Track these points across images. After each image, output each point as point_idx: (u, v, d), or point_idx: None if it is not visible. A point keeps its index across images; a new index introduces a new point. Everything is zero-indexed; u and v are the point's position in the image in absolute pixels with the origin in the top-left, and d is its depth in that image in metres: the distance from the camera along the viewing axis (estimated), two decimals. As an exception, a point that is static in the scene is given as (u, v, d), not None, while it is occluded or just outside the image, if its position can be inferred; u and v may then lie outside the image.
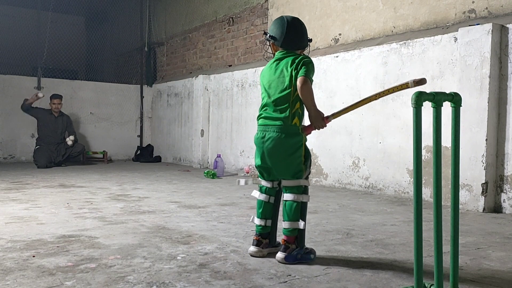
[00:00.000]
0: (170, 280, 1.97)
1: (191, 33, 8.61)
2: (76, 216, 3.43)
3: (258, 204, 2.45)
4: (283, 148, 2.33)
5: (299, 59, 2.36)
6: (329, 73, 5.45)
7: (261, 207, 2.43)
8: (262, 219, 2.42)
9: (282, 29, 2.42)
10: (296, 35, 2.43)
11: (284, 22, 2.42)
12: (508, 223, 3.36)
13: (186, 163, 8.42)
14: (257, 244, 2.38)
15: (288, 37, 2.41)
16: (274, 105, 2.36)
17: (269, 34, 2.46)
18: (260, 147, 2.39)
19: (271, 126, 2.35)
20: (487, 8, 4.08)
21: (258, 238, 2.39)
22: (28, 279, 1.97)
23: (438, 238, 1.62)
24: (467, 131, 3.82)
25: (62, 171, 6.83)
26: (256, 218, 2.45)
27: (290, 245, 2.29)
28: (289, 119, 2.33)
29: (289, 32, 2.41)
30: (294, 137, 2.33)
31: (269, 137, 2.35)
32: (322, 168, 5.53)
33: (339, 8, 5.51)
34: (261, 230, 2.41)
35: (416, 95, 1.60)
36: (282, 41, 2.42)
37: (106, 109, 9.37)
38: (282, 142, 2.32)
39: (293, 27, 2.42)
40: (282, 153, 2.33)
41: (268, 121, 2.37)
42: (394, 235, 2.92)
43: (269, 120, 2.37)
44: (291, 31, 2.41)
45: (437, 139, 1.62)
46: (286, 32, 2.40)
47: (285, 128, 2.32)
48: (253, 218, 2.48)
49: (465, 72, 3.95)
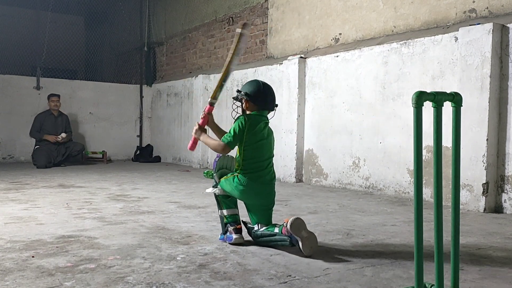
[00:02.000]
0: (170, 281, 1.97)
1: (191, 33, 8.60)
2: (75, 216, 3.42)
3: (225, 197, 2.71)
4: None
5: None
6: (329, 72, 5.44)
7: (231, 199, 2.72)
8: (234, 208, 2.72)
9: (269, 92, 2.72)
10: (274, 99, 2.75)
11: (269, 87, 2.74)
12: (509, 223, 3.35)
13: (186, 163, 8.41)
14: (240, 231, 2.64)
15: (273, 101, 2.74)
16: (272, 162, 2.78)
17: (246, 92, 2.70)
18: (268, 194, 2.70)
19: (274, 179, 2.79)
20: (487, 8, 4.08)
21: (240, 227, 2.67)
22: (27, 279, 1.96)
23: (438, 238, 1.61)
24: (467, 131, 3.81)
25: (61, 171, 6.82)
26: (229, 209, 2.70)
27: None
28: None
29: (273, 97, 2.74)
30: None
31: (273, 184, 2.75)
32: (322, 168, 5.52)
33: (340, 8, 5.50)
34: (237, 217, 2.70)
35: (417, 95, 1.59)
36: (270, 105, 2.72)
37: (106, 109, 9.36)
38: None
39: (272, 92, 2.76)
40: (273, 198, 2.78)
41: (274, 175, 2.80)
42: (394, 235, 2.92)
43: (274, 174, 2.80)
44: (273, 96, 2.75)
45: (437, 139, 1.61)
46: (273, 97, 2.73)
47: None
48: (223, 212, 2.71)
49: (466, 72, 3.94)
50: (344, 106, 5.25)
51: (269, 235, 2.54)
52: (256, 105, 2.69)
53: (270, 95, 2.72)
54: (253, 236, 2.64)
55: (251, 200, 2.67)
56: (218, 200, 2.74)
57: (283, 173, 5.85)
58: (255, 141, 2.63)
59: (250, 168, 2.63)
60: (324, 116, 5.51)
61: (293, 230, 2.38)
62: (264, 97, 2.70)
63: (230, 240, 2.62)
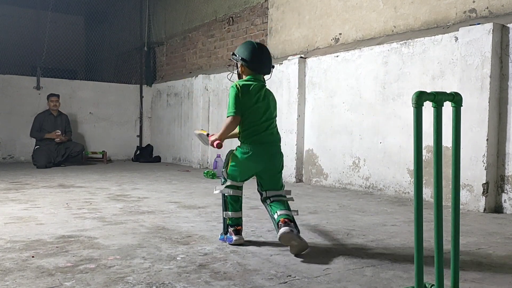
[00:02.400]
0: (170, 281, 1.96)
1: (191, 33, 8.60)
2: (75, 216, 3.42)
3: (235, 199, 2.69)
4: (280, 163, 2.79)
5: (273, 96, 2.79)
6: (329, 73, 5.44)
7: (238, 202, 2.70)
8: (240, 211, 2.71)
9: (265, 55, 2.69)
10: (270, 62, 2.73)
11: (266, 49, 2.70)
12: (509, 223, 3.35)
13: (186, 163, 8.41)
14: (240, 232, 2.65)
15: (269, 64, 2.72)
16: (273, 124, 2.77)
17: (241, 56, 2.67)
18: (264, 159, 2.67)
19: (277, 142, 2.80)
20: (487, 8, 4.08)
21: (240, 228, 2.66)
22: (27, 279, 1.96)
23: (438, 238, 1.61)
24: (467, 131, 3.81)
25: (61, 171, 6.82)
26: (234, 212, 2.68)
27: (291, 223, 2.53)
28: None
29: (269, 59, 2.71)
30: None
31: (274, 151, 2.74)
32: (322, 168, 5.52)
33: (340, 8, 5.50)
34: (240, 220, 2.69)
35: (417, 95, 1.59)
36: (266, 68, 2.70)
37: (106, 109, 9.36)
38: (281, 158, 2.80)
39: (269, 55, 2.72)
40: (279, 166, 2.78)
41: (274, 138, 2.78)
42: (394, 236, 2.92)
43: (273, 136, 2.77)
44: (269, 58, 2.72)
45: (437, 139, 1.61)
46: (269, 60, 2.71)
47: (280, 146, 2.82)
48: (227, 213, 2.68)
49: (466, 72, 3.94)
50: (344, 106, 5.25)
51: (270, 213, 2.64)
52: (251, 70, 2.65)
53: (265, 58, 2.67)
54: (262, 200, 2.72)
55: (258, 165, 2.65)
56: (226, 201, 2.70)
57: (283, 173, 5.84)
58: (249, 105, 2.62)
59: (249, 134, 2.64)
60: (324, 116, 5.51)
61: (282, 242, 2.42)
62: (259, 60, 2.65)
63: (230, 241, 2.62)
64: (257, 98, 2.63)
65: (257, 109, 2.64)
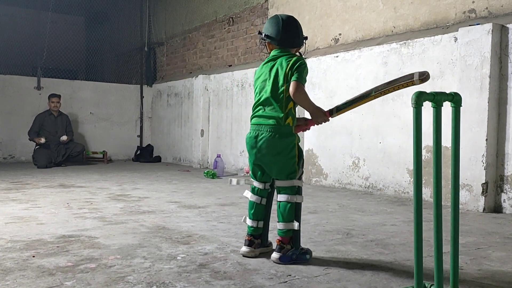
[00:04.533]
0: (170, 280, 1.97)
1: (191, 33, 8.61)
2: (76, 216, 3.43)
3: (250, 205, 2.44)
4: (277, 148, 2.31)
5: (293, 60, 2.33)
6: (329, 73, 5.45)
7: (253, 209, 2.42)
8: (254, 221, 2.41)
9: (277, 27, 2.39)
10: (291, 33, 2.40)
11: (279, 21, 2.39)
12: (508, 223, 3.36)
13: (186, 163, 8.42)
14: (249, 244, 2.37)
15: (284, 35, 2.38)
16: (268, 104, 2.34)
17: (264, 33, 2.43)
18: (253, 147, 2.37)
19: (265, 125, 2.32)
20: (487, 8, 4.08)
21: (250, 238, 2.38)
22: (28, 279, 1.97)
23: (438, 238, 1.62)
24: (467, 131, 3.82)
25: (62, 171, 6.82)
26: (248, 219, 2.44)
27: (285, 245, 2.28)
28: (282, 119, 2.30)
29: (285, 30, 2.38)
30: (287, 137, 2.32)
31: (262, 136, 2.33)
32: (322, 168, 5.53)
33: (339, 8, 5.51)
34: (253, 231, 2.40)
35: (416, 95, 1.59)
36: (278, 40, 2.39)
37: (106, 109, 9.37)
38: (276, 142, 2.30)
39: (288, 25, 2.39)
40: (275, 153, 2.31)
41: (262, 120, 2.35)
42: (394, 235, 2.92)
43: (262, 119, 2.35)
44: (287, 29, 2.39)
45: (437, 139, 1.62)
46: (281, 31, 2.37)
47: (278, 128, 2.30)
48: (245, 219, 2.47)
49: (465, 72, 3.95)
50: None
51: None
52: (277, 45, 2.40)
53: (292, 32, 2.40)
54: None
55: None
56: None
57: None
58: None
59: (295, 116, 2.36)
60: (324, 116, 5.51)
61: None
62: (287, 36, 2.39)
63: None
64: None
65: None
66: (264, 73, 2.40)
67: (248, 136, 2.40)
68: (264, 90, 2.37)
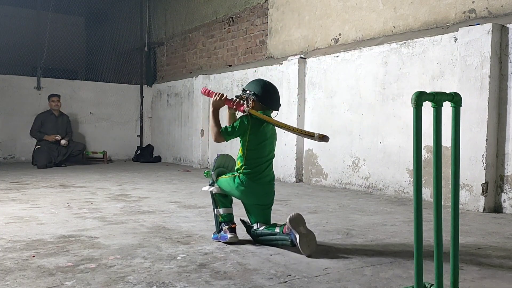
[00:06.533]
0: (170, 280, 1.97)
1: (191, 33, 8.61)
2: (76, 216, 3.43)
3: (223, 195, 2.72)
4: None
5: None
6: (329, 73, 5.45)
7: (227, 197, 2.73)
8: (231, 207, 2.73)
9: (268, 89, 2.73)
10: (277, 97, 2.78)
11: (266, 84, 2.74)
12: (508, 223, 3.36)
13: (186, 163, 8.42)
14: (235, 230, 2.65)
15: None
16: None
17: (253, 92, 2.69)
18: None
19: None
20: (487, 8, 4.08)
21: (234, 226, 2.67)
22: (28, 279, 1.97)
23: (438, 238, 1.62)
24: (467, 131, 3.82)
25: (62, 171, 6.82)
26: (225, 208, 2.71)
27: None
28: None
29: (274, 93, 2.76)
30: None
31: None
32: (322, 168, 5.53)
33: (339, 8, 5.51)
34: (232, 217, 2.70)
35: (416, 95, 1.59)
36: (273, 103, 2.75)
37: (106, 109, 9.37)
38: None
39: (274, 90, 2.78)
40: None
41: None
42: (394, 235, 2.92)
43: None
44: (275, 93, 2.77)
45: (437, 139, 1.62)
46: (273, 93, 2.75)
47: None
48: (219, 210, 2.71)
49: (465, 72, 3.95)
50: (344, 106, 5.26)
51: (269, 234, 2.56)
52: (263, 105, 2.69)
53: (276, 95, 2.76)
54: (253, 235, 2.65)
55: (251, 200, 2.68)
56: (215, 198, 2.74)
57: (283, 173, 5.86)
58: (258, 142, 2.64)
59: (252, 169, 2.64)
60: (324, 116, 5.52)
61: (292, 224, 2.41)
62: (271, 97, 2.73)
63: (225, 239, 2.62)
64: (265, 135, 2.66)
65: (264, 146, 2.67)
66: (270, 132, 2.74)
67: (257, 188, 2.67)
68: (273, 151, 2.78)
